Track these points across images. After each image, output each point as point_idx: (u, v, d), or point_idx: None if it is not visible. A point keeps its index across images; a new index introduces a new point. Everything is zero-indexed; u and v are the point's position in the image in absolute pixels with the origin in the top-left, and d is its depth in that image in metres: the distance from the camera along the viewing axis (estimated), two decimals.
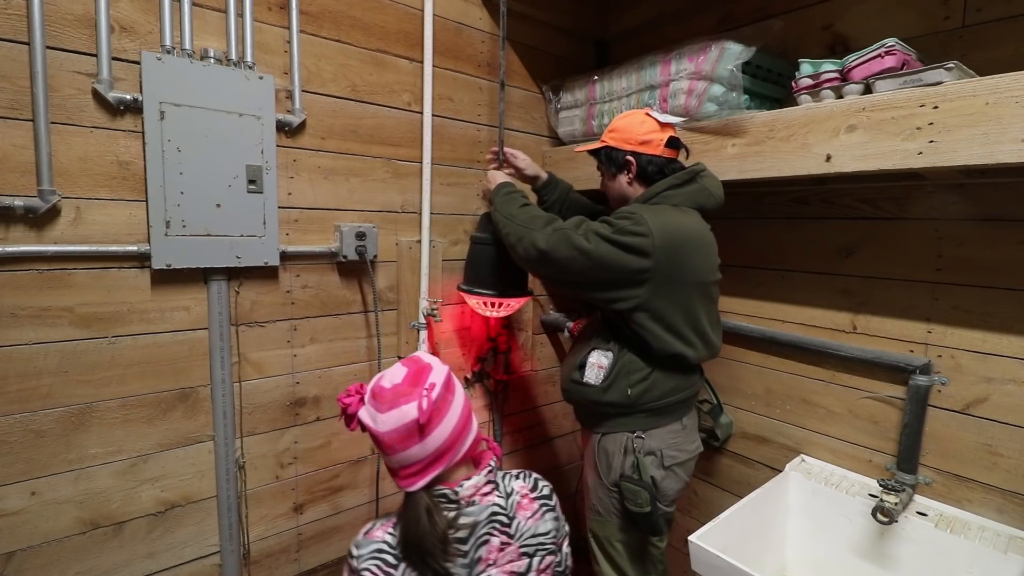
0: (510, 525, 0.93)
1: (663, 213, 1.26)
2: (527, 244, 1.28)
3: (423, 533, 0.85)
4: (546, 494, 1.01)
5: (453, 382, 0.95)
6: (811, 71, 1.29)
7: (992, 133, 0.98)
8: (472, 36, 1.78)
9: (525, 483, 1.00)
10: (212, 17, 1.30)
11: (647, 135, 1.34)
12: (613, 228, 1.22)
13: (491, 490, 0.94)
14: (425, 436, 0.86)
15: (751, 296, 1.74)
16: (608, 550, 1.39)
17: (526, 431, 2.13)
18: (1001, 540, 1.23)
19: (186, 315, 1.33)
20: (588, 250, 1.20)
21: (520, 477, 1.01)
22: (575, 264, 1.23)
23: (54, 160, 1.13)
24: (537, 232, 1.27)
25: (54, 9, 1.11)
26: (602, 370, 1.32)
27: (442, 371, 0.93)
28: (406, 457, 0.87)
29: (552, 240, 1.25)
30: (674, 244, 1.22)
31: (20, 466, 1.16)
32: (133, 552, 1.31)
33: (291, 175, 1.45)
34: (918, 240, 1.39)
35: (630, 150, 1.34)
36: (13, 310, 1.12)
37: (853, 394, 1.52)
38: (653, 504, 1.26)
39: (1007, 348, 1.26)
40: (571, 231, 1.24)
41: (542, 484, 1.02)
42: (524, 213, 1.35)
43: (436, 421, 0.88)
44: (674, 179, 1.32)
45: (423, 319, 1.70)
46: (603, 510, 1.39)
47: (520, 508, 0.96)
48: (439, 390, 0.89)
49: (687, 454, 1.36)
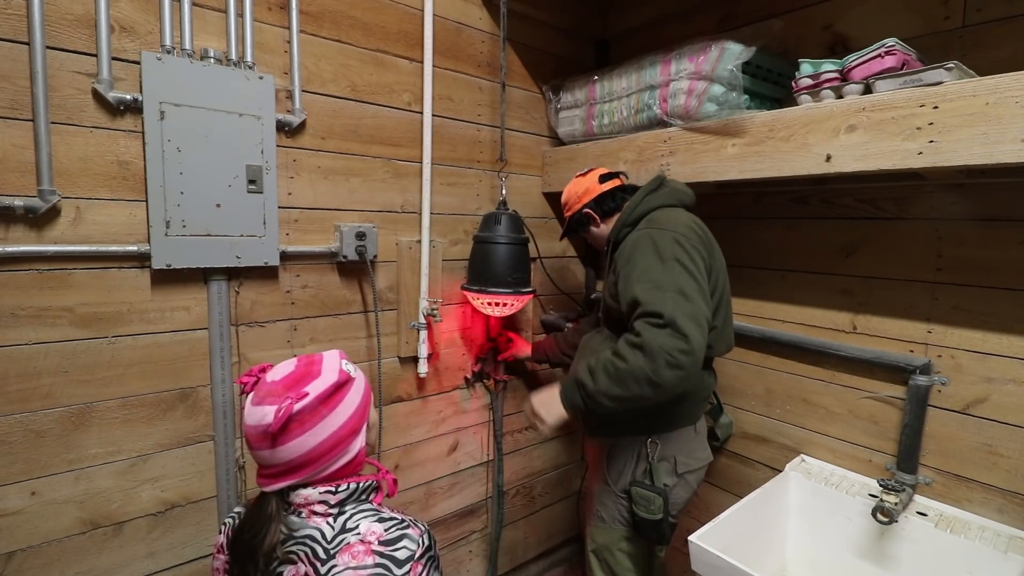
0: (323, 562, 0.78)
1: (667, 215, 1.28)
2: (645, 381, 1.09)
3: (252, 537, 0.79)
4: (398, 558, 0.78)
5: (341, 396, 0.84)
6: (811, 71, 1.29)
7: (992, 133, 0.98)
8: (472, 36, 1.78)
9: (383, 532, 0.81)
10: (212, 17, 1.30)
11: (582, 188, 1.47)
12: (661, 257, 1.16)
13: (324, 512, 0.81)
14: (277, 445, 0.79)
15: (751, 296, 1.74)
16: (607, 558, 1.38)
17: (526, 431, 2.13)
18: (1001, 540, 1.23)
19: (186, 315, 1.33)
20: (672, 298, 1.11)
21: (386, 523, 0.82)
22: (694, 304, 1.12)
23: (54, 160, 1.13)
24: (638, 367, 1.09)
25: (54, 9, 1.11)
26: None
27: (328, 380, 0.83)
28: (259, 457, 0.81)
29: (650, 355, 1.08)
30: (701, 231, 1.28)
31: (20, 466, 1.16)
32: (133, 552, 1.31)
33: (291, 175, 1.45)
34: (918, 240, 1.39)
35: (581, 206, 1.46)
36: (13, 310, 1.12)
37: (853, 394, 1.52)
38: (665, 511, 1.26)
39: (1007, 348, 1.26)
40: (645, 328, 1.10)
41: (408, 547, 0.80)
42: (607, 375, 1.14)
43: (295, 433, 0.79)
44: (643, 191, 1.37)
45: (423, 319, 1.70)
46: (607, 517, 1.38)
47: (348, 551, 0.78)
48: (311, 401, 0.80)
49: (699, 462, 1.37)
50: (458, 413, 1.91)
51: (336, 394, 0.84)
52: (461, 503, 1.97)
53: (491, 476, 2.05)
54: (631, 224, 1.34)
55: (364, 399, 0.89)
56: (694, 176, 1.48)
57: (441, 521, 1.92)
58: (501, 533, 2.07)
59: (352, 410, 0.86)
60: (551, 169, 2.01)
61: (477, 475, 2.01)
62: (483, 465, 2.02)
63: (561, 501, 2.33)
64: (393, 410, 1.73)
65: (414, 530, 0.83)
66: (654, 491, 1.27)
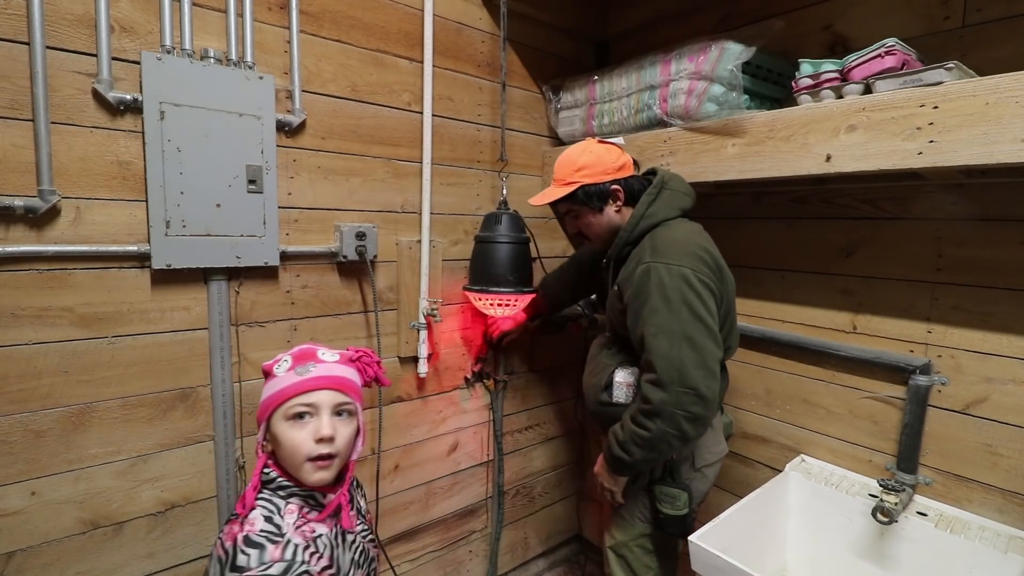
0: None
1: (671, 237, 1.25)
2: (673, 439, 1.16)
3: None
4: (238, 563, 0.86)
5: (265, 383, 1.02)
6: (811, 71, 1.29)
7: (992, 133, 0.98)
8: (472, 36, 1.78)
9: (258, 532, 0.90)
10: (212, 17, 1.30)
11: (619, 160, 1.33)
12: (680, 291, 1.16)
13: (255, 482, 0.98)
14: None
15: (751, 296, 1.74)
16: (626, 555, 1.39)
17: (526, 431, 2.13)
18: (1001, 540, 1.23)
19: (186, 315, 1.33)
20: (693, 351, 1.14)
21: (268, 526, 0.92)
22: (707, 344, 1.15)
23: (54, 160, 1.13)
24: (660, 433, 1.15)
25: (54, 9, 1.11)
26: (631, 388, 1.33)
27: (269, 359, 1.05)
28: None
29: (668, 418, 1.14)
30: (707, 254, 1.24)
31: (20, 466, 1.16)
32: (133, 552, 1.31)
33: (291, 175, 1.45)
34: (918, 240, 1.39)
35: (611, 179, 1.31)
36: (13, 310, 1.12)
37: (853, 394, 1.52)
38: (690, 506, 1.29)
39: (1007, 348, 1.26)
40: (672, 386, 1.13)
41: (253, 560, 0.86)
42: (638, 446, 1.20)
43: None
44: (644, 200, 1.31)
45: (423, 319, 1.70)
46: (627, 515, 1.39)
47: (231, 524, 0.93)
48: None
49: (715, 456, 1.38)
50: (458, 413, 1.91)
51: (265, 378, 1.03)
52: (461, 503, 1.97)
53: (491, 476, 2.05)
54: (633, 242, 1.30)
55: (267, 400, 0.99)
56: (694, 176, 1.48)
57: (441, 521, 1.92)
58: (501, 533, 2.07)
59: (261, 400, 1.00)
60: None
61: (477, 475, 2.01)
62: (483, 465, 2.02)
63: (561, 501, 2.33)
64: (393, 410, 1.73)
65: (276, 551, 0.88)
66: (679, 487, 1.29)
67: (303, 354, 1.02)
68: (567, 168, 1.34)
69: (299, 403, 0.96)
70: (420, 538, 1.87)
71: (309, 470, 0.95)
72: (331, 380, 0.99)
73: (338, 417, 0.99)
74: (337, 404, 0.99)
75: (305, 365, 0.99)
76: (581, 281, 1.75)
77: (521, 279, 1.67)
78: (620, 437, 1.23)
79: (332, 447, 0.96)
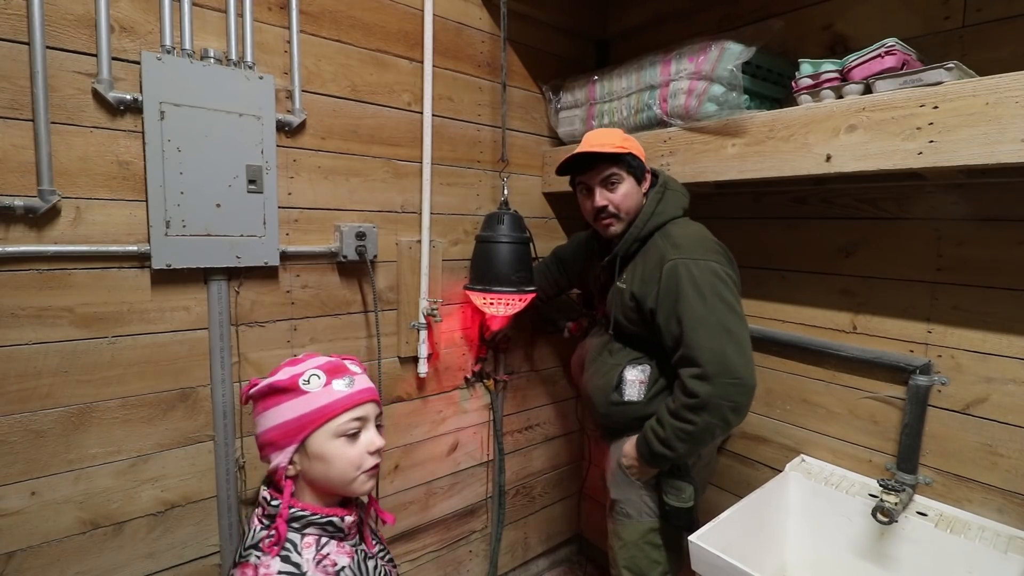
0: (232, 564, 0.88)
1: (685, 233, 1.30)
2: (718, 429, 1.20)
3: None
4: None
5: (276, 401, 0.91)
6: (811, 71, 1.29)
7: (992, 133, 0.98)
8: (472, 36, 1.78)
9: (276, 573, 0.83)
10: (212, 17, 1.30)
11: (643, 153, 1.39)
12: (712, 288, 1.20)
13: (260, 513, 0.90)
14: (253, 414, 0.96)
15: (751, 296, 1.74)
16: (635, 553, 1.40)
17: (526, 431, 2.13)
18: (1001, 540, 1.23)
19: (186, 315, 1.33)
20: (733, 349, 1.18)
21: (287, 566, 0.84)
22: (739, 335, 1.20)
23: (54, 160, 1.13)
24: (706, 424, 1.18)
25: (54, 9, 1.11)
26: (643, 385, 1.35)
27: (273, 379, 0.92)
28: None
29: (713, 409, 1.17)
30: (720, 246, 1.30)
31: (20, 466, 1.16)
32: (133, 552, 1.31)
33: (291, 175, 1.45)
34: (918, 240, 1.39)
35: (644, 162, 1.38)
36: (13, 310, 1.12)
37: (853, 394, 1.52)
38: (695, 499, 1.31)
39: (1007, 348, 1.26)
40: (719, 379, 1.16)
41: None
42: (682, 441, 1.22)
43: (255, 412, 0.93)
44: (651, 202, 1.36)
45: (423, 319, 1.70)
46: (634, 512, 1.40)
47: (243, 569, 0.84)
48: (258, 390, 0.91)
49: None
50: (458, 413, 1.91)
51: (272, 396, 0.90)
52: (461, 503, 1.98)
53: (491, 476, 2.05)
54: (642, 239, 1.36)
55: (301, 419, 0.88)
56: (694, 176, 1.48)
57: (441, 521, 1.92)
58: (501, 533, 2.07)
59: (279, 421, 0.89)
60: (551, 169, 2.00)
61: (477, 475, 2.01)
62: (483, 465, 2.02)
63: (561, 501, 2.33)
64: (393, 410, 1.73)
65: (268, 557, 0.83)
66: (687, 480, 1.31)
67: (335, 367, 0.95)
68: (613, 137, 1.35)
69: (351, 417, 0.91)
70: (420, 538, 1.87)
71: (363, 480, 0.93)
72: (372, 392, 0.97)
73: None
74: (377, 415, 0.98)
75: (343, 378, 0.94)
76: (564, 276, 1.83)
77: (522, 278, 1.67)
78: (661, 434, 1.24)
79: (380, 456, 0.96)
